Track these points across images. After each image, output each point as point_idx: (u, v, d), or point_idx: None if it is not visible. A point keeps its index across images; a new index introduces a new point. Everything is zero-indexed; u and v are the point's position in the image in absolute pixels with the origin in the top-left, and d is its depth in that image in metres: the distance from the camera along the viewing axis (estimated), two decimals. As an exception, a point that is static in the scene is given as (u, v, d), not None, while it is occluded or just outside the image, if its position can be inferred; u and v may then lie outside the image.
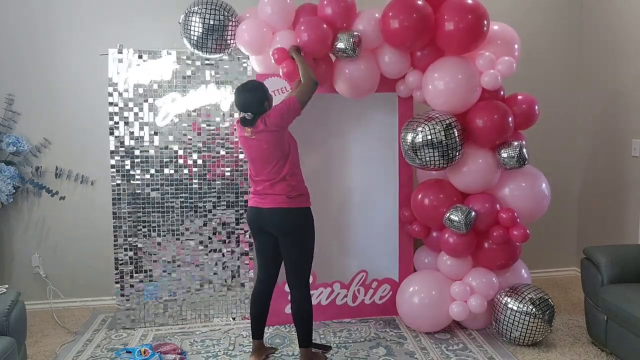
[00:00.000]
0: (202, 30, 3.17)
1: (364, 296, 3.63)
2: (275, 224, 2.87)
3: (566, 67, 4.33)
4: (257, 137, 2.81)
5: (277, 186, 2.84)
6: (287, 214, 2.85)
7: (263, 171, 2.85)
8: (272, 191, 2.84)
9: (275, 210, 2.84)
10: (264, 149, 2.82)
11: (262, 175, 2.87)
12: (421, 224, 3.43)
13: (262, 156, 2.84)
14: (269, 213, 2.85)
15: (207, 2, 3.19)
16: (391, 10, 3.10)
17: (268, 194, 2.85)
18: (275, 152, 2.82)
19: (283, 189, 2.83)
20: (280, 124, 2.80)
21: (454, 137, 3.08)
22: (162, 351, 3.11)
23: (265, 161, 2.84)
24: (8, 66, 3.75)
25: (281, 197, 2.83)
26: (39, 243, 3.89)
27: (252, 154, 2.88)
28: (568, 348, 3.21)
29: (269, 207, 2.85)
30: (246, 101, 2.81)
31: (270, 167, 2.83)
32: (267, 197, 2.86)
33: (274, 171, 2.83)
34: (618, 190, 3.97)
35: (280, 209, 2.84)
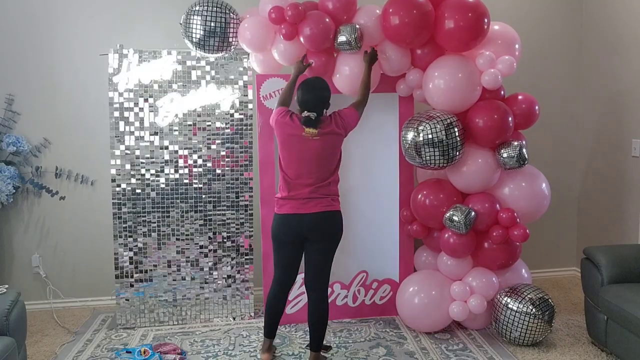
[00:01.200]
0: (202, 33, 3.18)
1: (364, 296, 3.63)
2: (321, 228, 2.81)
3: (566, 67, 4.33)
4: (322, 138, 2.75)
5: (322, 190, 2.79)
6: (334, 218, 2.83)
7: (312, 174, 2.77)
8: (318, 194, 2.78)
9: (324, 214, 2.78)
10: (324, 149, 2.76)
11: (307, 178, 2.77)
12: (421, 224, 3.43)
13: (319, 158, 2.76)
14: (316, 217, 2.77)
15: (208, 1, 3.19)
16: (391, 6, 3.10)
17: (312, 198, 2.77)
18: (333, 155, 2.81)
19: (329, 192, 2.81)
20: (350, 127, 2.84)
21: (455, 136, 3.08)
22: (162, 351, 3.11)
23: (320, 164, 2.77)
24: (8, 66, 3.75)
25: (327, 200, 2.80)
26: (39, 243, 3.89)
27: (305, 154, 2.77)
28: (568, 348, 3.21)
29: (316, 211, 2.77)
30: (316, 100, 2.77)
31: (322, 170, 2.78)
32: (311, 202, 2.77)
33: (325, 175, 2.79)
34: (618, 190, 3.97)
35: (329, 212, 2.80)
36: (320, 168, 2.77)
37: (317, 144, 2.75)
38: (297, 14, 3.05)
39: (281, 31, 3.10)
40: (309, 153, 2.76)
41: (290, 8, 3.04)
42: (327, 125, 2.75)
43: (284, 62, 3.29)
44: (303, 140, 2.75)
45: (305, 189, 2.78)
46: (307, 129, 2.74)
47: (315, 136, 2.73)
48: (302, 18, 3.07)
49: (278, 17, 3.09)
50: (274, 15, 3.09)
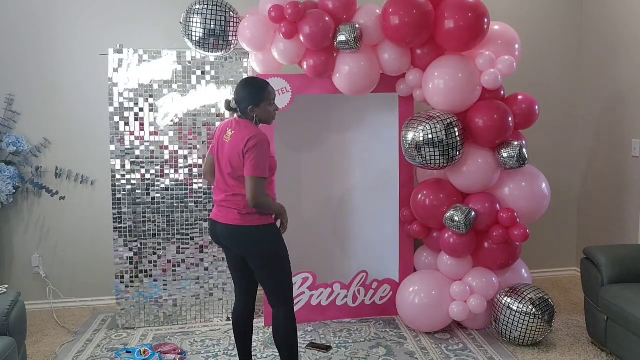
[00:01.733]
0: (202, 32, 3.19)
1: (364, 297, 3.63)
2: (232, 241, 2.61)
3: (566, 67, 4.33)
4: (231, 142, 2.52)
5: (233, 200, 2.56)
6: (242, 233, 2.57)
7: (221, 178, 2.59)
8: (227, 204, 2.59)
9: (230, 227, 2.57)
10: (229, 154, 2.52)
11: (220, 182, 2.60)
12: (421, 224, 3.43)
13: (228, 160, 2.53)
14: (225, 229, 2.59)
15: (208, 1, 3.19)
16: (391, 6, 3.10)
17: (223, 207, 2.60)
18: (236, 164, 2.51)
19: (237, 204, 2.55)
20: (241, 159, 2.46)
21: (455, 136, 3.08)
22: (162, 351, 3.11)
23: (227, 165, 2.54)
24: (8, 66, 3.74)
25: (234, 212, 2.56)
26: (39, 243, 3.89)
27: (218, 156, 2.60)
28: (568, 348, 3.21)
29: (224, 222, 2.58)
30: (240, 92, 2.55)
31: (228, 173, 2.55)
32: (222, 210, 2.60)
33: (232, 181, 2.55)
34: (618, 190, 3.97)
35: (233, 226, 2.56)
36: (229, 174, 2.54)
37: (229, 146, 2.52)
38: (297, 13, 3.05)
39: (281, 30, 3.10)
40: (221, 156, 2.57)
41: (290, 6, 3.05)
42: (240, 130, 2.50)
43: (283, 62, 3.29)
44: (222, 143, 2.58)
45: (219, 195, 2.61)
46: (227, 133, 2.54)
47: (227, 139, 2.53)
48: (301, 16, 3.08)
49: (278, 16, 3.09)
50: (274, 13, 3.09)
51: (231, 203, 2.54)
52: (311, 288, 3.55)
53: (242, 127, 2.54)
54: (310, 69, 3.22)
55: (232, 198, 2.54)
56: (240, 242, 2.55)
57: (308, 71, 3.24)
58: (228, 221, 2.54)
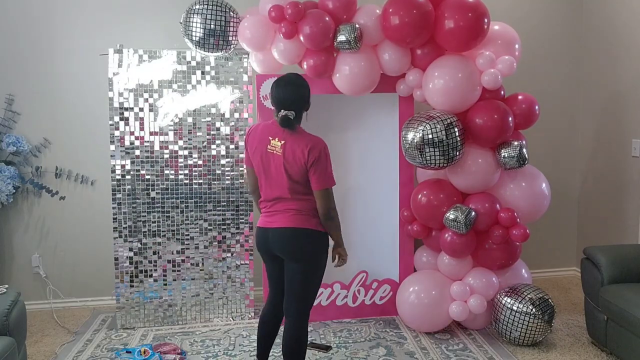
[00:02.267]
0: (202, 32, 3.19)
1: (364, 296, 3.63)
2: (285, 246, 2.56)
3: (566, 67, 4.33)
4: (285, 154, 2.42)
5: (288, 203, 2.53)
6: (296, 235, 2.54)
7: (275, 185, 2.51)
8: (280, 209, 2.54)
9: (283, 230, 2.53)
10: (286, 162, 2.43)
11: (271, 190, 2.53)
12: (421, 224, 3.43)
13: (281, 171, 2.45)
14: (276, 233, 2.55)
15: (208, 1, 3.19)
16: (391, 5, 3.10)
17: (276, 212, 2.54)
18: (295, 173, 2.45)
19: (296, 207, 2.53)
20: (305, 171, 2.42)
21: (455, 136, 3.08)
22: (162, 351, 3.11)
23: (280, 175, 2.47)
24: (8, 66, 3.74)
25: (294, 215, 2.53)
26: (39, 243, 3.89)
27: (269, 166, 2.49)
28: (568, 348, 3.21)
29: (277, 227, 2.54)
30: (293, 97, 2.42)
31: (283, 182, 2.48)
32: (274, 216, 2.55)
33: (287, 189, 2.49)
34: (618, 190, 3.97)
35: (287, 228, 2.53)
36: (284, 183, 2.47)
37: (281, 159, 2.43)
38: (297, 12, 3.05)
39: (281, 30, 3.10)
40: (272, 166, 2.47)
41: (290, 6, 3.05)
42: (295, 139, 2.41)
43: (283, 62, 3.29)
44: (267, 154, 2.47)
45: (269, 202, 2.55)
46: (275, 140, 2.43)
47: (278, 151, 2.43)
48: (301, 16, 3.08)
49: (278, 16, 3.09)
50: (274, 13, 3.09)
51: (297, 205, 2.46)
52: (311, 288, 3.55)
53: (295, 136, 2.43)
54: (310, 69, 3.22)
55: (298, 204, 2.47)
56: (298, 243, 2.48)
57: (308, 71, 3.24)
58: (289, 224, 2.46)
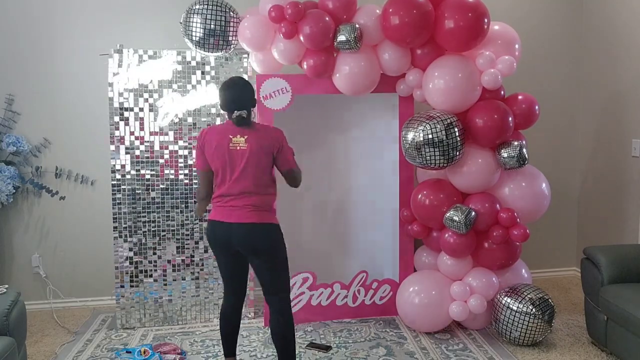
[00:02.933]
0: (202, 33, 3.18)
1: (364, 296, 3.63)
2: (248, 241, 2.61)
3: (566, 67, 4.33)
4: (250, 147, 2.55)
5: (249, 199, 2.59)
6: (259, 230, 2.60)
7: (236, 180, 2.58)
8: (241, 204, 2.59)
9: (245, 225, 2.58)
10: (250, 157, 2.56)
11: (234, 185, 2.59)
12: (421, 224, 3.43)
13: (245, 164, 2.56)
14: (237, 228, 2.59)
15: (208, 1, 3.19)
16: (391, 5, 3.10)
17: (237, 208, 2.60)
18: (264, 163, 2.60)
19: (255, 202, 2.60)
20: (270, 155, 2.59)
21: (455, 136, 3.08)
22: (162, 351, 3.11)
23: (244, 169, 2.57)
24: (8, 66, 3.74)
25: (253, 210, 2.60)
26: (39, 243, 3.89)
27: (232, 160, 2.57)
28: (568, 348, 3.21)
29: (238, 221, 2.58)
30: (241, 98, 2.57)
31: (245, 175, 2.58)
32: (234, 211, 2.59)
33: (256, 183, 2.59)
34: (618, 190, 3.97)
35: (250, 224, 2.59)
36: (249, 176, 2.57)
37: (244, 152, 2.55)
38: (297, 12, 3.05)
39: (281, 30, 3.10)
40: (237, 161, 2.56)
41: (290, 6, 3.05)
42: (256, 133, 2.57)
43: (283, 62, 3.29)
44: (230, 151, 2.56)
45: (230, 197, 2.60)
46: (236, 137, 2.55)
47: (243, 145, 2.55)
48: (301, 16, 3.08)
49: (278, 16, 3.09)
50: (274, 13, 3.09)
51: (258, 201, 2.58)
52: (311, 288, 3.55)
53: (255, 130, 2.62)
54: (310, 69, 3.22)
55: (258, 199, 2.59)
56: (262, 238, 2.59)
57: (308, 71, 3.24)
58: (251, 219, 2.56)
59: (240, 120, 2.58)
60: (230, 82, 2.65)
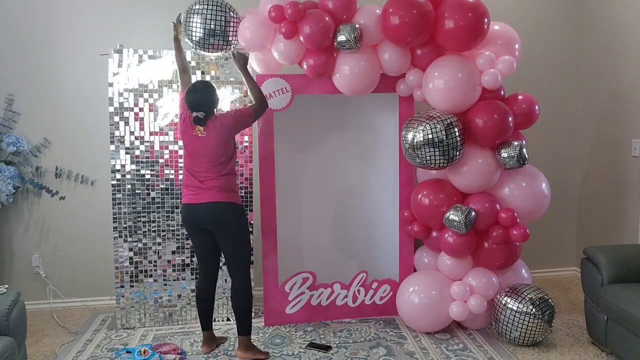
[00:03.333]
0: (202, 34, 3.17)
1: (364, 296, 3.63)
2: (214, 218, 2.98)
3: (566, 67, 4.33)
4: (208, 135, 2.96)
5: (213, 182, 2.97)
6: (225, 208, 2.98)
7: (203, 167, 2.97)
8: (207, 186, 2.96)
9: (213, 204, 2.96)
10: (211, 146, 2.96)
11: (200, 170, 2.98)
12: (421, 224, 3.43)
13: (208, 152, 2.96)
14: (207, 207, 2.96)
15: (208, 1, 3.18)
16: (391, 5, 3.10)
17: (203, 189, 2.97)
18: (224, 149, 2.98)
19: (220, 184, 2.97)
20: (233, 127, 3.00)
21: (455, 136, 3.08)
22: (162, 351, 3.11)
23: (206, 156, 2.97)
24: (8, 66, 3.75)
25: (216, 191, 2.97)
26: (39, 243, 3.89)
27: (196, 149, 2.98)
28: (568, 348, 3.21)
29: (206, 201, 2.96)
30: (202, 100, 2.97)
31: (208, 161, 2.97)
32: (202, 192, 2.97)
33: (217, 168, 2.97)
34: (618, 190, 3.97)
35: (218, 202, 2.96)
36: (211, 162, 2.97)
37: (204, 140, 2.96)
38: (297, 12, 3.05)
39: (281, 29, 3.10)
40: (200, 149, 2.97)
41: (290, 6, 3.05)
42: (214, 122, 2.96)
43: (284, 62, 3.28)
44: (197, 139, 2.98)
45: (197, 180, 2.98)
46: (199, 127, 2.96)
47: (202, 133, 2.96)
48: (302, 16, 3.08)
49: (278, 16, 3.09)
50: (274, 13, 3.09)
51: (221, 183, 2.97)
52: (311, 288, 3.55)
53: (213, 121, 2.99)
54: (310, 69, 3.22)
55: (223, 179, 2.97)
56: (226, 216, 2.98)
57: (308, 71, 3.24)
58: (217, 199, 2.95)
59: (197, 120, 2.96)
60: (194, 86, 3.04)
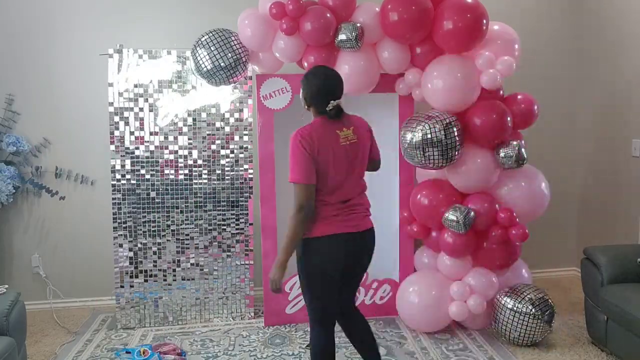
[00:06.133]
0: (210, 67, 3.21)
1: (364, 296, 3.63)
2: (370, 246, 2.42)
3: (566, 67, 4.33)
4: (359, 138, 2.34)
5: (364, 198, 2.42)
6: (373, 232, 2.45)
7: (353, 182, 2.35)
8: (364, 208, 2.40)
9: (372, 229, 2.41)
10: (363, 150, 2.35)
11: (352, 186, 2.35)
12: (421, 224, 3.43)
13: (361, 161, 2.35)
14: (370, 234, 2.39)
15: (219, 40, 3.19)
16: (390, 2, 3.10)
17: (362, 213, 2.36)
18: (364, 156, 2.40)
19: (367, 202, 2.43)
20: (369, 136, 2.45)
21: (454, 136, 3.08)
22: (162, 351, 3.11)
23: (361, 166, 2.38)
24: (8, 66, 3.75)
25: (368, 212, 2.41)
26: (39, 243, 3.89)
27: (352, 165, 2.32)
28: (568, 348, 3.21)
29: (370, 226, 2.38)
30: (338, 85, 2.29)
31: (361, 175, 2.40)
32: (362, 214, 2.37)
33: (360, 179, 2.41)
34: (618, 190, 3.97)
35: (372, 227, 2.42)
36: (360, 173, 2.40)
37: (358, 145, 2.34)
38: (299, 8, 3.05)
39: (282, 26, 3.10)
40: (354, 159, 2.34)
41: (292, 3, 3.05)
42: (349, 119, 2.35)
43: (285, 60, 3.28)
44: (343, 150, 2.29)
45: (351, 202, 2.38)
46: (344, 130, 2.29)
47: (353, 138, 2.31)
48: (303, 13, 3.08)
49: (279, 12, 3.09)
50: (275, 10, 3.09)
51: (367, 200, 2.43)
52: (311, 288, 3.54)
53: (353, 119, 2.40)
54: (311, 66, 3.21)
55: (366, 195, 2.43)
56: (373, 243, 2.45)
57: (309, 68, 3.23)
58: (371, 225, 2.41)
59: (339, 111, 2.29)
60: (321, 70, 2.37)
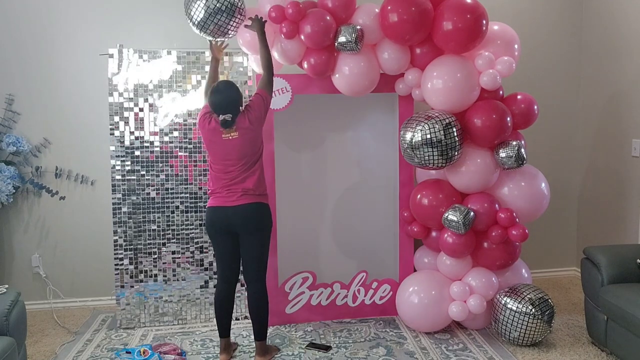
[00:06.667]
0: (204, 15, 3.03)
1: (364, 296, 3.63)
2: (244, 220, 2.92)
3: (566, 67, 4.33)
4: (241, 135, 2.89)
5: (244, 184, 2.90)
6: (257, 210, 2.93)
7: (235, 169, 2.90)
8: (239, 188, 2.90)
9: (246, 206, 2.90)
10: (244, 146, 2.89)
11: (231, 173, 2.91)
12: (420, 224, 3.43)
13: (239, 153, 2.89)
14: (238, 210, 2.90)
15: None
16: (390, 3, 3.10)
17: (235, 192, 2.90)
18: (253, 149, 2.92)
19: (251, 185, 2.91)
20: (262, 117, 2.95)
21: (453, 136, 3.08)
22: (162, 351, 3.11)
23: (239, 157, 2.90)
24: (8, 66, 3.75)
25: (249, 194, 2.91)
26: (39, 243, 3.89)
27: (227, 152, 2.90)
28: (568, 348, 3.21)
29: (239, 204, 2.90)
30: (230, 101, 2.87)
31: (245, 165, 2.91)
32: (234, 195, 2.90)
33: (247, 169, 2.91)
34: (618, 190, 3.97)
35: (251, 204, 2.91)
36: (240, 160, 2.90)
37: (238, 140, 2.89)
38: (298, 12, 3.05)
39: (282, 30, 3.10)
40: (232, 152, 2.89)
41: (291, 6, 3.05)
42: (242, 122, 2.90)
43: (284, 62, 3.29)
44: (228, 141, 2.89)
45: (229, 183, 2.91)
46: (227, 130, 2.88)
47: (234, 134, 2.88)
48: (302, 16, 3.08)
49: (278, 16, 3.09)
50: (274, 14, 3.09)
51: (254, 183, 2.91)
52: (311, 288, 3.55)
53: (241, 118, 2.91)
54: (311, 68, 3.22)
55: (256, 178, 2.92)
56: (258, 217, 2.94)
57: (309, 70, 3.24)
58: (251, 200, 2.90)
59: (225, 123, 2.86)
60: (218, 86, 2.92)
